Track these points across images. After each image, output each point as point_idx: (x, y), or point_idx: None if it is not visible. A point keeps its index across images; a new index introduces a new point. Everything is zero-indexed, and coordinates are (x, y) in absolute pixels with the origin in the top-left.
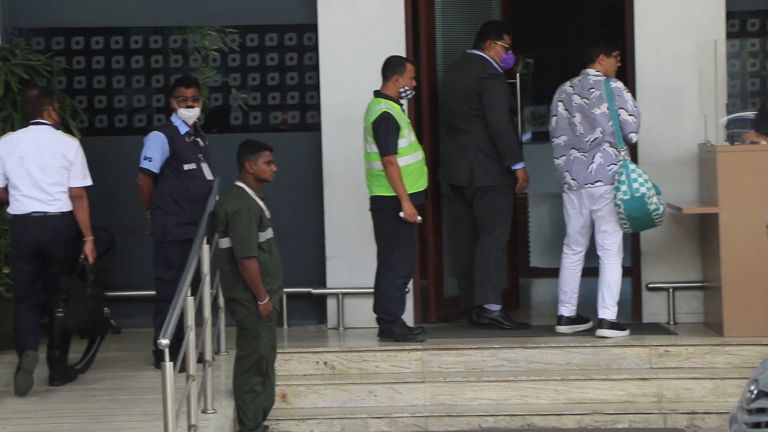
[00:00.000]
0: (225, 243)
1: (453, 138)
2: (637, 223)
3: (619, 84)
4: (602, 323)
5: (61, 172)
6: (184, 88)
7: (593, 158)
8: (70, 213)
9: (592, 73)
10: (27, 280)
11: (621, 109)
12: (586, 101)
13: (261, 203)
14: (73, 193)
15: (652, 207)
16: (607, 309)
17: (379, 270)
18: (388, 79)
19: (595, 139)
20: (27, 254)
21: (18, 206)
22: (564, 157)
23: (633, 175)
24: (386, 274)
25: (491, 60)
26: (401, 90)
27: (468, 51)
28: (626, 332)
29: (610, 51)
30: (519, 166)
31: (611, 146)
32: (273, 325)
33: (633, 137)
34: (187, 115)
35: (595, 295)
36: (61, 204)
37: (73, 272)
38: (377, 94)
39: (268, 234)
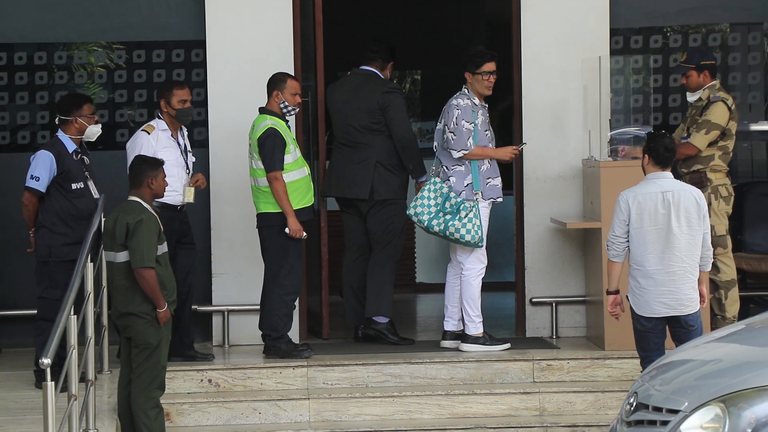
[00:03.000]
0: (123, 257)
1: (349, 152)
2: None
3: (459, 101)
4: (466, 338)
5: None
6: (91, 104)
7: (448, 178)
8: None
9: (461, 92)
10: None
11: (445, 126)
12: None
13: (158, 217)
14: None
15: (436, 229)
16: (470, 323)
17: (266, 287)
18: (270, 95)
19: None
20: None
21: None
22: None
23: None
24: (274, 290)
25: (383, 77)
26: (282, 106)
27: (361, 67)
28: (495, 347)
29: (474, 68)
30: (424, 178)
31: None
32: (170, 337)
33: (453, 153)
34: (94, 132)
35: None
36: None
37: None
38: (262, 110)
39: (164, 248)
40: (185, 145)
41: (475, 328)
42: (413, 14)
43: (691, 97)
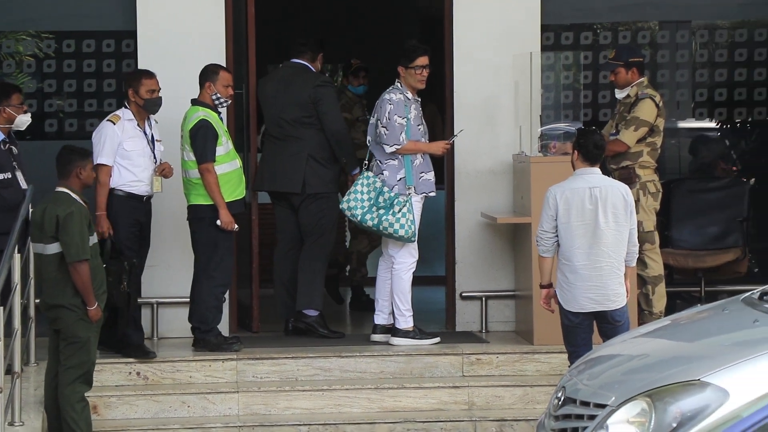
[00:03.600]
0: (53, 248)
1: (281, 146)
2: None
3: (392, 95)
4: (396, 332)
5: None
6: (20, 94)
7: (381, 172)
8: None
9: (394, 86)
10: None
11: (378, 120)
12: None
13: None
14: None
15: (370, 224)
16: (400, 317)
17: (196, 279)
18: (202, 86)
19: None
20: None
21: None
22: None
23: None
24: (204, 283)
25: (315, 71)
26: (214, 98)
27: (291, 60)
28: (425, 341)
29: (407, 63)
30: (357, 171)
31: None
32: (99, 331)
33: (386, 148)
34: (24, 121)
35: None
36: None
37: None
38: (194, 102)
39: (93, 239)
40: (152, 134)
41: (406, 322)
42: (345, 7)
43: (619, 94)
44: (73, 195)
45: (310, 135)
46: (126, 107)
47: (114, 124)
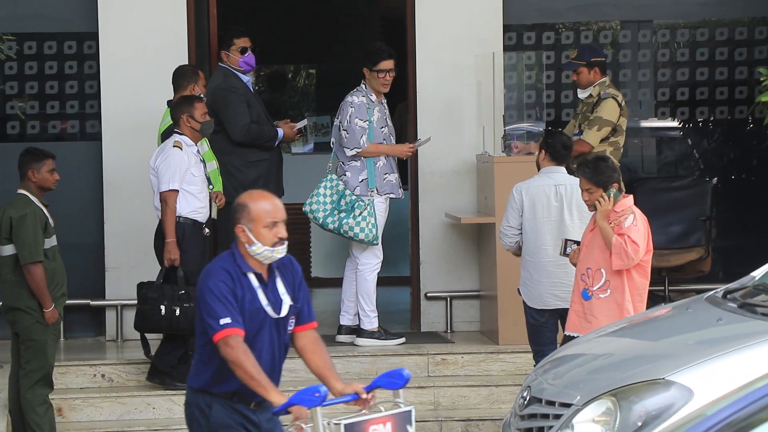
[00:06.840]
0: (9, 250)
1: None
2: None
3: (354, 98)
4: (361, 332)
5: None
6: None
7: (344, 173)
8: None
9: (358, 88)
10: None
11: (340, 123)
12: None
13: (45, 210)
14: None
15: (332, 226)
16: (365, 318)
17: None
18: (184, 88)
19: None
20: None
21: None
22: None
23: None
24: None
25: (232, 69)
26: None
27: None
28: (390, 341)
29: (371, 65)
30: (279, 138)
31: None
32: (58, 334)
33: (347, 151)
34: None
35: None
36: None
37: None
38: (170, 103)
39: (52, 241)
40: (202, 159)
41: (370, 322)
42: (307, 8)
43: (581, 94)
44: (32, 197)
45: (217, 142)
46: (179, 133)
47: (181, 149)
